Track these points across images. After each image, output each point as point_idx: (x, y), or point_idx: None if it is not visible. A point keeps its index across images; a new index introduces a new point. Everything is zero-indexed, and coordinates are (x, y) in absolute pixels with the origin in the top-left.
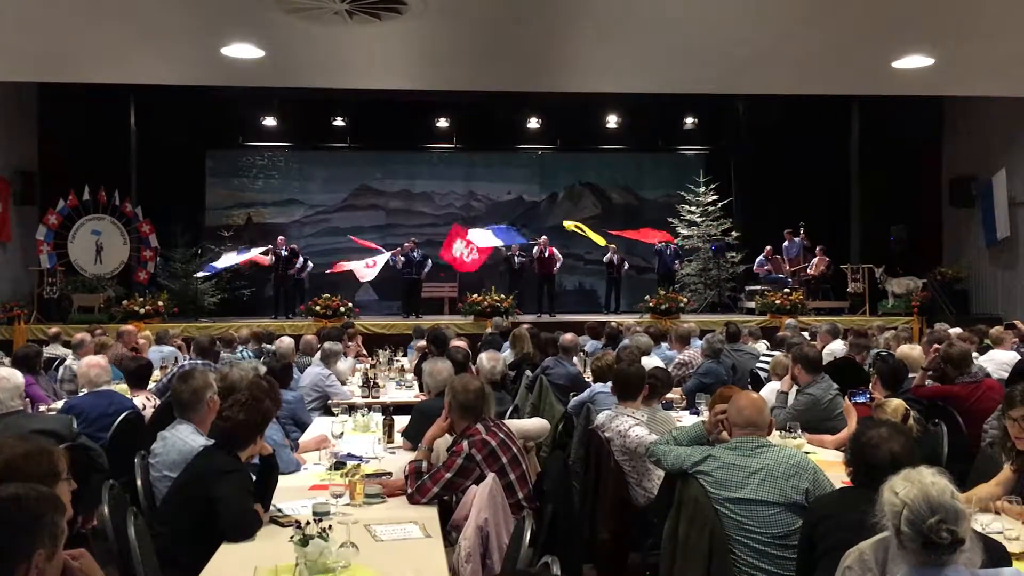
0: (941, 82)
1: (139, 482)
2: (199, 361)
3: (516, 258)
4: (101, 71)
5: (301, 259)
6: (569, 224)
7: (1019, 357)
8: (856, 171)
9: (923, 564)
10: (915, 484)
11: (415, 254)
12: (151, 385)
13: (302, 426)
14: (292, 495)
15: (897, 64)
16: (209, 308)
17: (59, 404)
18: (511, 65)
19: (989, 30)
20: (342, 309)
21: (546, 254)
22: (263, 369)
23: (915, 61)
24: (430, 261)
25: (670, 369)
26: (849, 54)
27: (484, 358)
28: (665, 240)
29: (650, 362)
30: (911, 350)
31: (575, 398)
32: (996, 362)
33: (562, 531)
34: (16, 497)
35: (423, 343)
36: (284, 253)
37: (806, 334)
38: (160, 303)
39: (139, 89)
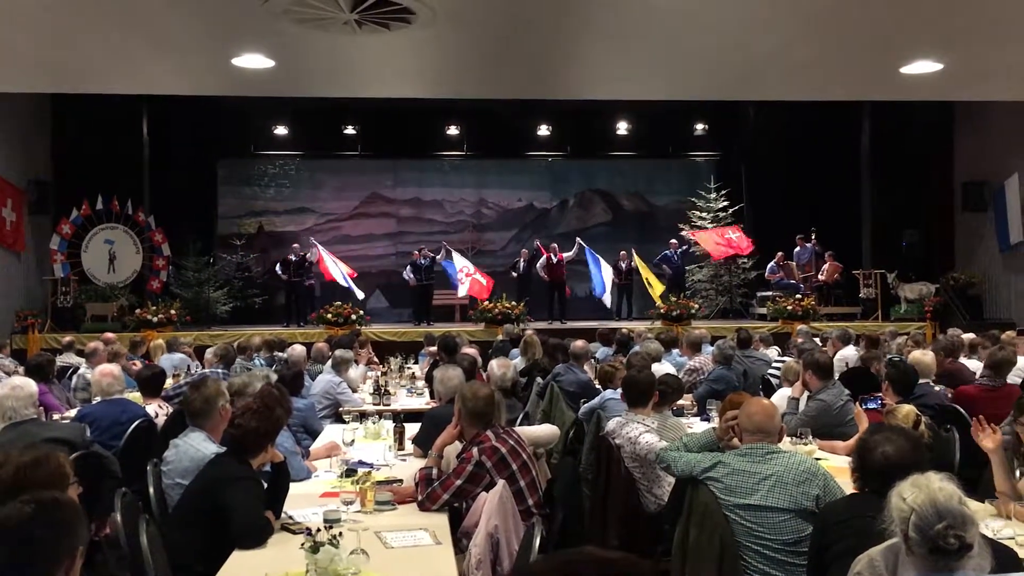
0: (950, 87)
1: (151, 490)
2: (222, 369)
3: (522, 262)
4: (114, 82)
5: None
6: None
7: None
8: (867, 176)
9: (931, 570)
10: (923, 490)
11: (422, 261)
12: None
13: (313, 434)
14: (303, 502)
15: (905, 69)
16: (221, 316)
17: (72, 412)
18: (520, 73)
19: (997, 35)
20: (353, 317)
21: (553, 260)
22: (274, 377)
23: (923, 66)
24: (435, 258)
25: (681, 375)
26: (857, 60)
27: (495, 365)
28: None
29: (661, 368)
30: (923, 355)
31: (585, 405)
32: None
33: (572, 538)
34: (55, 499)
35: (434, 350)
36: (293, 259)
37: (818, 340)
38: (173, 311)
39: (152, 99)
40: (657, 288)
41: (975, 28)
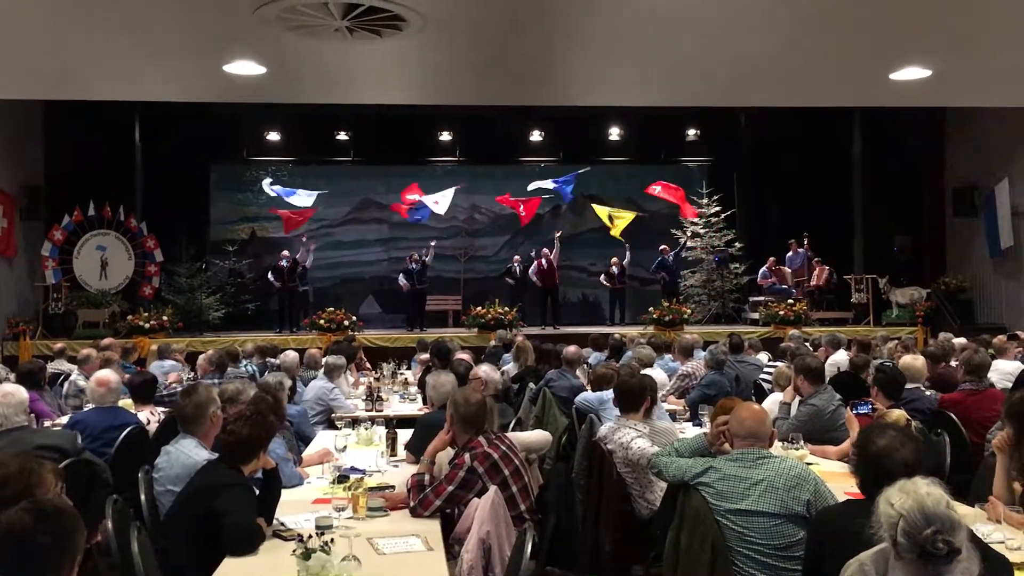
0: (939, 93)
1: (143, 497)
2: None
3: (517, 267)
4: (106, 88)
5: (301, 268)
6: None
7: (1023, 367)
8: (859, 181)
9: (921, 574)
10: (910, 495)
11: (413, 266)
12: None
13: (306, 440)
14: (295, 509)
15: (895, 76)
16: (214, 322)
17: (64, 419)
18: (512, 79)
19: (986, 42)
20: (346, 323)
21: (544, 265)
22: (288, 383)
23: (912, 73)
24: (425, 261)
25: (673, 381)
26: (847, 66)
27: (488, 370)
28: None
29: (653, 374)
30: (914, 360)
31: (581, 396)
32: (1000, 372)
33: (564, 543)
34: (57, 507)
35: (427, 356)
36: (286, 265)
37: (809, 345)
38: (165, 318)
39: (144, 105)
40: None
41: (964, 35)
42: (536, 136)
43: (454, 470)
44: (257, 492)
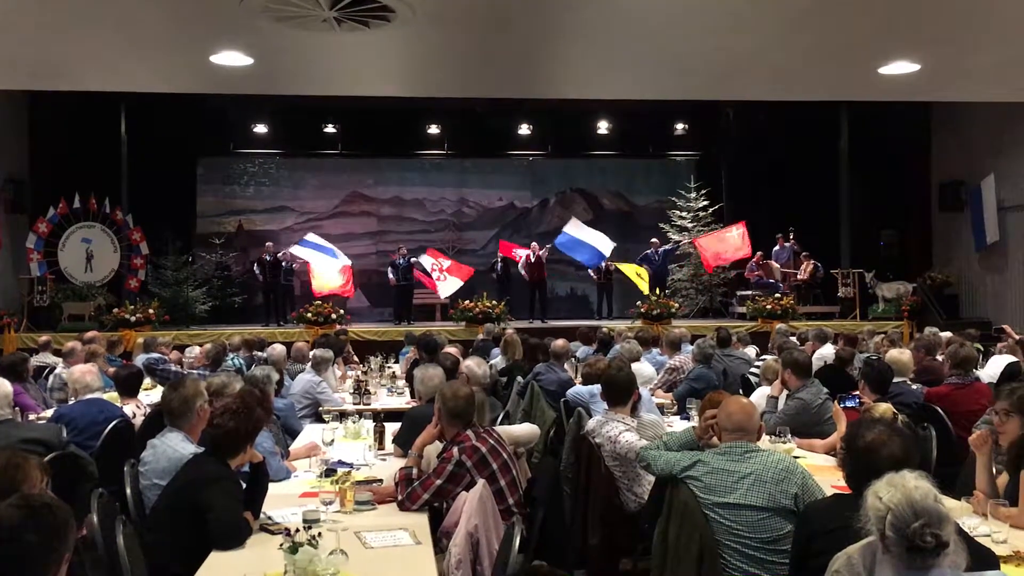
0: (927, 88)
1: (128, 490)
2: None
3: (500, 261)
4: (91, 79)
5: (284, 265)
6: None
7: (1011, 359)
8: (846, 176)
9: (908, 568)
10: (898, 489)
11: (401, 261)
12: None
13: (293, 434)
14: (282, 502)
15: (883, 70)
16: (200, 316)
17: (49, 413)
18: (501, 72)
19: (973, 37)
20: (333, 316)
21: (532, 259)
22: (275, 376)
23: (901, 67)
24: (411, 260)
25: (661, 374)
26: (835, 60)
27: (472, 364)
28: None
29: (641, 367)
30: (900, 354)
31: (572, 390)
32: (998, 367)
33: (552, 537)
34: (47, 504)
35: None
36: (268, 259)
37: (794, 339)
38: (151, 311)
39: (130, 97)
40: (643, 283)
41: (952, 30)
42: (524, 129)
43: (442, 464)
44: (244, 486)
